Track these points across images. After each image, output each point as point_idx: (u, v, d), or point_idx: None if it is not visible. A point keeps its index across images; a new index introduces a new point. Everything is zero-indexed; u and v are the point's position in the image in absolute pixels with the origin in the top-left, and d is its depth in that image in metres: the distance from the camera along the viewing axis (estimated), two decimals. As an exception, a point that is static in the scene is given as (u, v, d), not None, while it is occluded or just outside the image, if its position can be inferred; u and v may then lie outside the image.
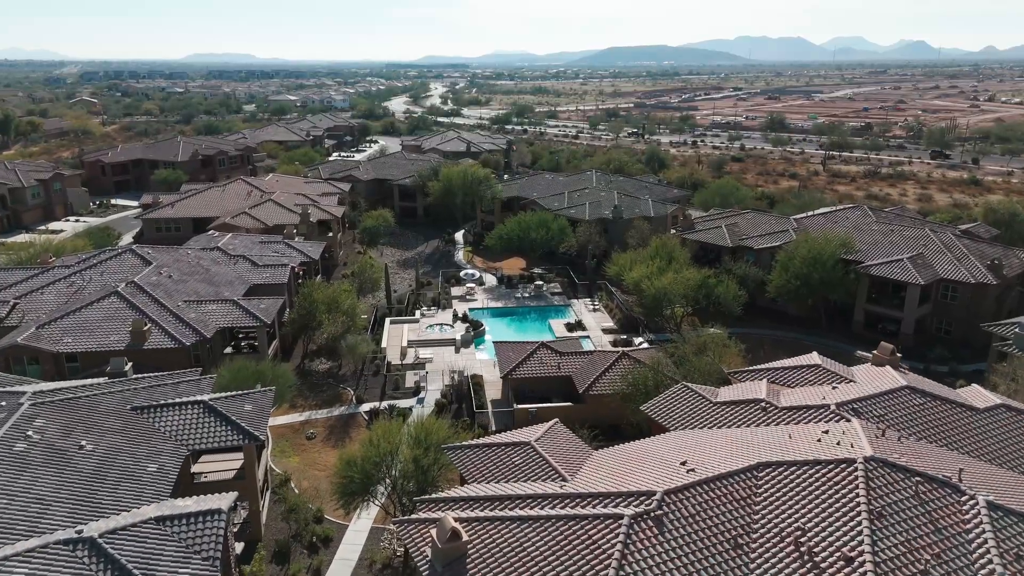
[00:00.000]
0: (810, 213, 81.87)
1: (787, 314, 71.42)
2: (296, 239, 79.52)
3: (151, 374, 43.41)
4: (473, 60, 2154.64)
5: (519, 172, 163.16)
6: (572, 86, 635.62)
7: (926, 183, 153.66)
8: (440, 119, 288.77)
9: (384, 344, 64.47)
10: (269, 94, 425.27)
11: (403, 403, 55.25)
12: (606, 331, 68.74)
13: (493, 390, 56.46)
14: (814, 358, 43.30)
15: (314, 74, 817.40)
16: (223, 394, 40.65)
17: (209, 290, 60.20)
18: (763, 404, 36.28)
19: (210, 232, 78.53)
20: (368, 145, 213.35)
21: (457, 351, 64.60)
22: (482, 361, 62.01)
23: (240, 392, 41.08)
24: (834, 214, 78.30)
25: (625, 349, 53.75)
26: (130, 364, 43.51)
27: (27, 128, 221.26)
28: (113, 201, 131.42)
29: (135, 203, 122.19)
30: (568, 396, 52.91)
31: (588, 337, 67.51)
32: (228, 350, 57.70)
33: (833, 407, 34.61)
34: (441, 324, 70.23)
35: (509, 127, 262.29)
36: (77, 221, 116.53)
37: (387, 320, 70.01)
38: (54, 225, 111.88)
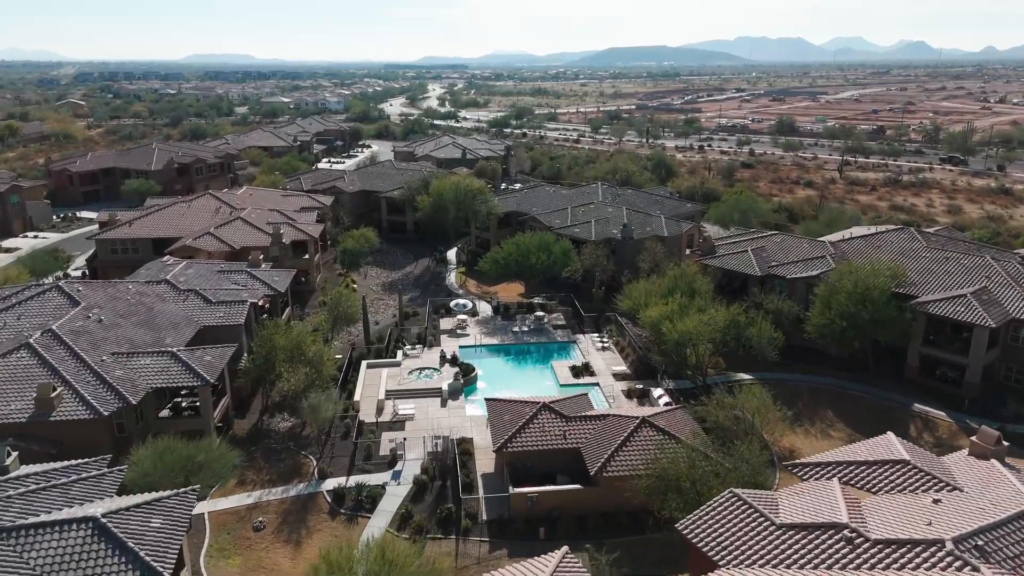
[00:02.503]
0: (847, 235, 72.15)
1: (826, 354, 61.72)
2: (263, 265, 69.73)
3: (41, 467, 33.80)
4: (472, 61, 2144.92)
5: (518, 179, 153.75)
6: (572, 87, 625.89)
7: (952, 192, 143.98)
8: (437, 122, 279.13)
9: (358, 396, 54.71)
10: (263, 96, 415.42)
11: (375, 478, 45.54)
12: (618, 377, 59.04)
13: (485, 459, 46.80)
14: (895, 447, 33.56)
15: (311, 75, 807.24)
16: (128, 502, 30.98)
17: (147, 337, 50.48)
18: (847, 533, 26.56)
19: (164, 259, 68.80)
20: (360, 150, 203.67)
21: (444, 404, 54.89)
22: (473, 419, 52.29)
23: (151, 500, 31.36)
24: (877, 237, 68.64)
25: (645, 414, 44.05)
26: (14, 455, 33.79)
27: (4, 132, 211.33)
28: (80, 214, 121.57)
29: (117, 212, 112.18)
30: (576, 474, 43.26)
31: (597, 384, 57.82)
32: (165, 413, 47.97)
33: (949, 544, 24.90)
34: (426, 368, 60.44)
35: (508, 130, 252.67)
36: (36, 237, 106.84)
37: (363, 364, 60.25)
38: (9, 242, 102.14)
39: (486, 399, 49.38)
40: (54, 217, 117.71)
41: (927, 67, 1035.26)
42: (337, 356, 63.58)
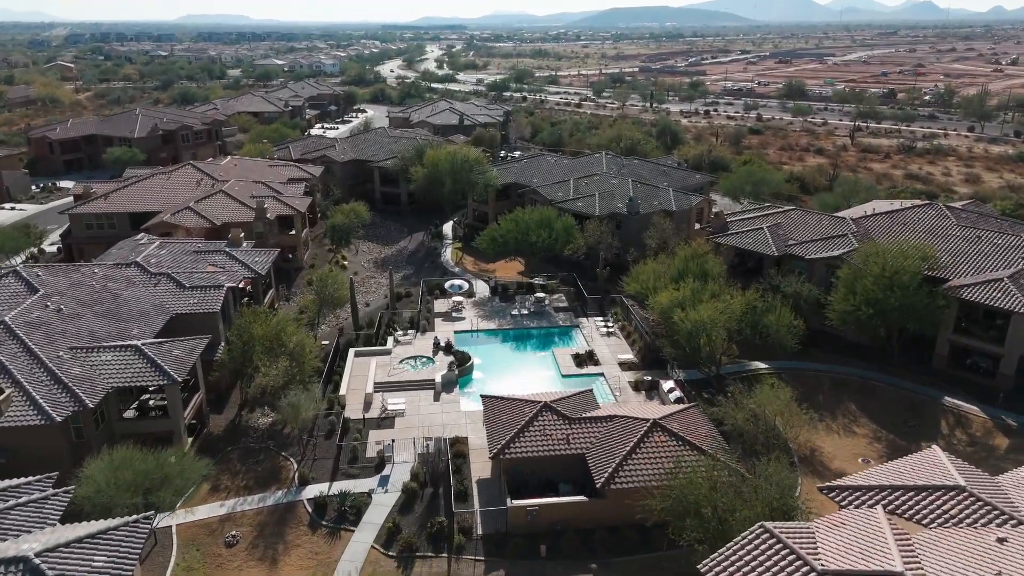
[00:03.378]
0: (869, 211, 67.39)
1: (847, 341, 57.50)
2: (244, 244, 65.18)
3: (-24, 490, 29.79)
4: (471, 21, 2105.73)
5: (517, 146, 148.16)
6: (573, 48, 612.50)
7: (968, 160, 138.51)
8: (434, 85, 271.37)
9: (344, 389, 50.64)
10: (256, 58, 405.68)
11: (361, 484, 41.66)
12: (624, 366, 54.91)
13: (481, 462, 42.88)
14: (945, 467, 29.45)
15: (307, 36, 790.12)
16: (70, 534, 27.02)
17: (111, 328, 46.23)
18: (902, 585, 22.58)
19: (138, 236, 64.23)
20: (354, 115, 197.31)
21: (437, 398, 50.85)
22: (468, 415, 48.28)
23: (96, 531, 27.36)
24: (902, 214, 63.88)
25: (656, 416, 39.95)
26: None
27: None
28: (60, 184, 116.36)
29: (93, 183, 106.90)
30: (581, 481, 39.37)
31: (602, 375, 53.75)
32: (130, 413, 43.91)
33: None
34: (418, 357, 56.28)
35: (507, 94, 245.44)
36: (12, 209, 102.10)
37: (351, 352, 56.09)
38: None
39: (482, 396, 45.30)
40: (33, 187, 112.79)
41: (935, 27, 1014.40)
42: (324, 342, 59.59)
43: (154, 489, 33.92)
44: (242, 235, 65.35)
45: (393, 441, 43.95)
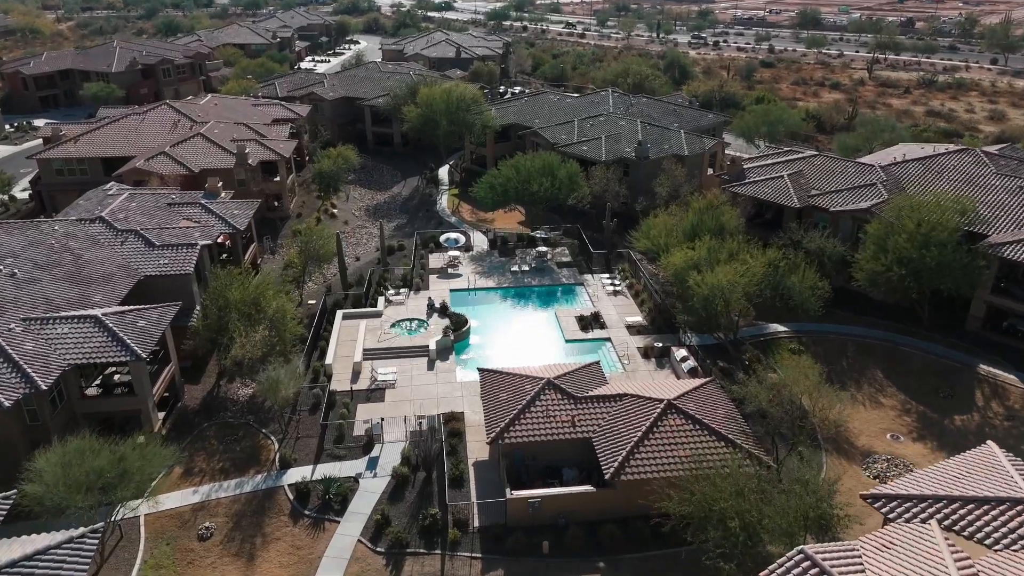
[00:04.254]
0: (899, 156, 62.11)
1: (871, 300, 53.33)
2: (223, 194, 60.37)
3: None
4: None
5: (517, 80, 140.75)
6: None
7: (992, 95, 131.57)
8: (431, 14, 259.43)
9: (330, 357, 46.78)
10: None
11: (347, 467, 38.25)
12: (632, 329, 50.96)
13: (478, 440, 39.34)
14: (1007, 474, 25.68)
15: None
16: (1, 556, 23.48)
17: (71, 294, 42.03)
18: (974, 637, 19.01)
19: (107, 187, 59.29)
20: (347, 47, 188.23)
21: (431, 366, 47.06)
22: (465, 387, 44.56)
23: (33, 552, 23.82)
24: (935, 161, 58.71)
25: (670, 396, 36.12)
26: None
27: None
28: (36, 122, 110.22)
29: (65, 123, 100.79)
30: (587, 466, 35.94)
31: (609, 340, 49.87)
32: (93, 390, 40.12)
33: None
34: (411, 321, 52.26)
35: (507, 23, 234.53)
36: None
37: (339, 314, 52.04)
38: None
39: (479, 369, 41.46)
40: (7, 127, 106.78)
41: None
42: (311, 302, 55.54)
43: (113, 487, 30.32)
44: (220, 184, 60.44)
45: (383, 419, 40.28)
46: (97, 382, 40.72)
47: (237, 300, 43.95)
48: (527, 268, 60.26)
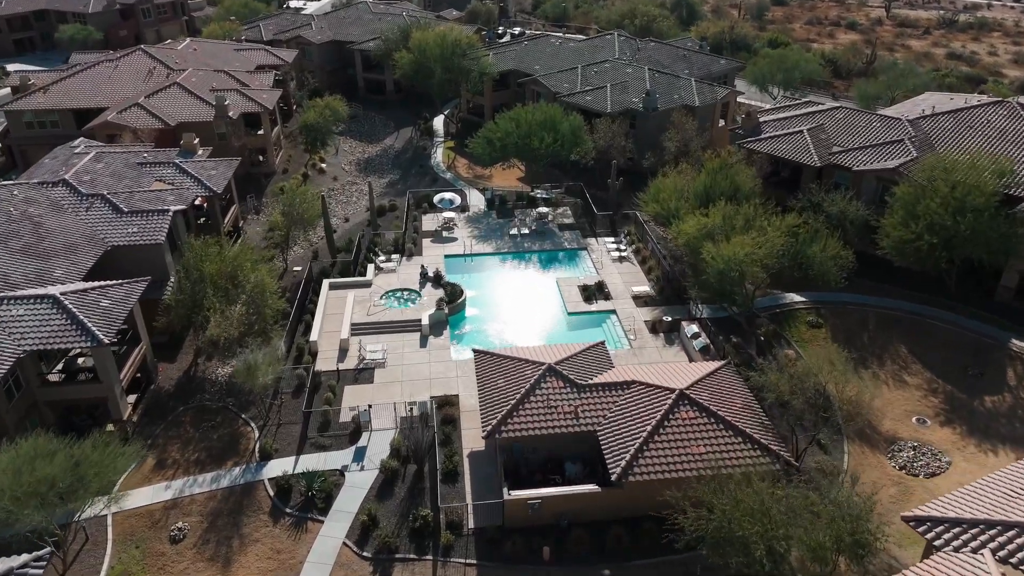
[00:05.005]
0: (927, 109, 57.57)
1: (891, 266, 49.41)
2: (199, 151, 56.25)
3: None
4: None
5: (517, 20, 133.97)
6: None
7: (1017, 36, 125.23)
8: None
9: (315, 334, 43.56)
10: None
11: (332, 458, 35.45)
12: (639, 300, 47.64)
13: (474, 428, 36.38)
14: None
15: None
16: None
17: (28, 268, 38.57)
18: None
19: (74, 144, 55.05)
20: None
21: (424, 342, 43.90)
22: (460, 365, 41.48)
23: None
24: (968, 114, 54.26)
25: (683, 387, 33.00)
26: None
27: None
28: (10, 68, 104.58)
29: (41, 69, 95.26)
30: (591, 459, 33.15)
31: (614, 312, 46.61)
32: (55, 376, 37.02)
33: None
34: (403, 292, 48.87)
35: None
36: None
37: (325, 284, 48.63)
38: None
39: (474, 350, 38.24)
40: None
41: None
42: (296, 269, 52.13)
43: (69, 495, 27.47)
44: (197, 141, 56.26)
45: (370, 406, 37.26)
46: (59, 367, 37.57)
47: (212, 273, 40.54)
48: (527, 231, 56.57)
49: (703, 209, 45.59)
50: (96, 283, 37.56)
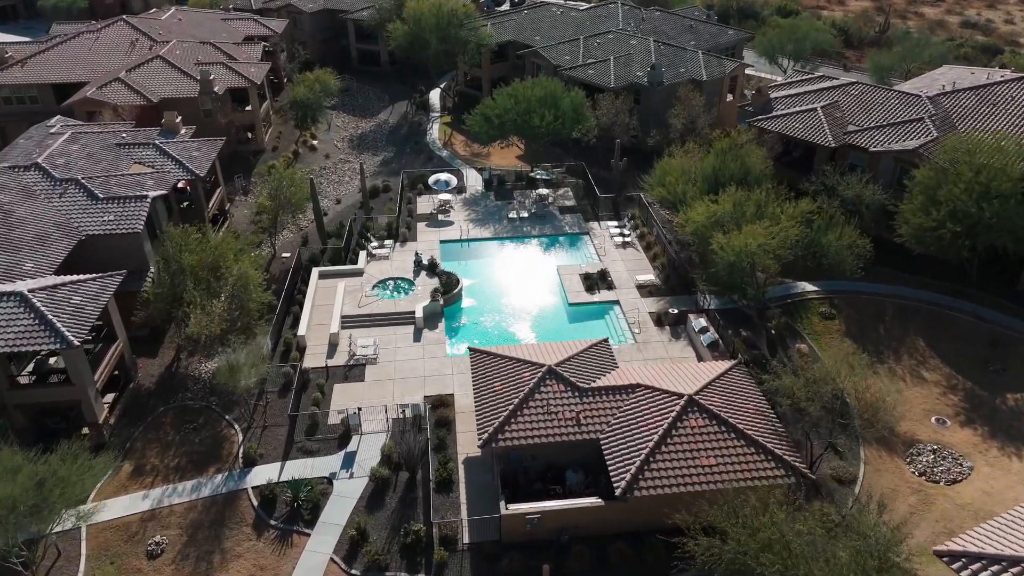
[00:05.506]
0: (947, 85, 54.70)
1: (908, 252, 46.93)
2: (182, 131, 53.57)
3: None
4: None
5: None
6: None
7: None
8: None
9: (303, 328, 41.41)
10: None
11: (320, 464, 33.56)
12: (644, 290, 45.42)
13: (470, 432, 34.43)
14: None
15: None
16: None
17: (-4, 262, 36.29)
18: None
19: (50, 123, 52.37)
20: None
21: (418, 336, 41.77)
22: (455, 363, 39.41)
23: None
24: (989, 91, 51.45)
25: (692, 392, 30.92)
26: None
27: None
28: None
29: (22, 40, 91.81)
30: (593, 466, 31.25)
31: (617, 303, 44.41)
32: (25, 378, 34.95)
33: None
34: (395, 281, 46.60)
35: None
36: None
37: (314, 273, 46.36)
38: None
39: (470, 349, 36.11)
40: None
41: None
42: (284, 255, 49.87)
43: (34, 514, 25.58)
44: (179, 119, 53.51)
45: (360, 409, 35.23)
46: (30, 368, 35.51)
47: (192, 265, 38.27)
48: (526, 215, 54.12)
49: (712, 195, 43.05)
50: (67, 278, 35.31)
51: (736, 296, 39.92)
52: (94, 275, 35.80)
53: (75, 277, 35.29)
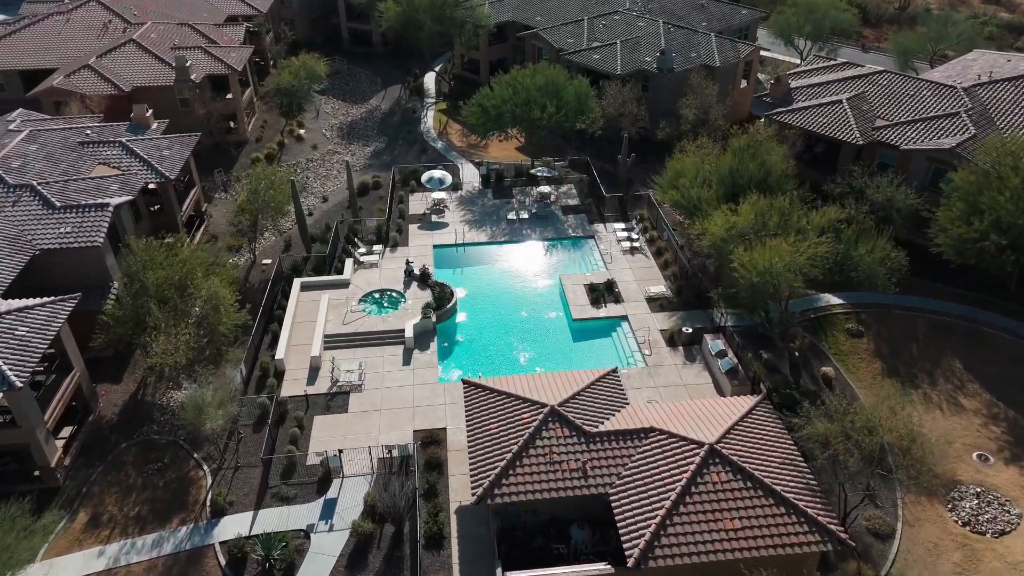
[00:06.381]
0: (982, 75, 50.33)
1: (941, 260, 42.85)
2: (153, 125, 49.44)
3: None
4: None
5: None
6: None
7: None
8: None
9: (282, 350, 37.72)
10: None
11: (297, 515, 30.10)
12: (654, 303, 41.70)
13: (464, 475, 30.93)
14: None
15: None
16: None
17: (-65, 286, 32.51)
18: None
19: (11, 117, 48.13)
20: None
21: (408, 358, 38.12)
22: (448, 390, 35.84)
23: None
24: (1032, 82, 47.33)
25: (714, 442, 27.34)
26: None
27: None
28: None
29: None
30: (601, 520, 27.83)
31: (625, 318, 40.66)
32: (-33, 420, 31.42)
33: None
34: (385, 293, 42.84)
35: None
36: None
37: (296, 284, 42.59)
38: None
39: (463, 381, 32.50)
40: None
41: None
42: (265, 262, 46.11)
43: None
44: (149, 113, 49.34)
45: (341, 452, 31.68)
46: (-29, 407, 31.94)
47: (156, 284, 34.52)
48: (526, 215, 50.18)
49: (730, 204, 39.04)
50: (14, 303, 31.58)
51: (758, 319, 36.10)
52: (44, 300, 32.07)
53: (22, 303, 31.56)
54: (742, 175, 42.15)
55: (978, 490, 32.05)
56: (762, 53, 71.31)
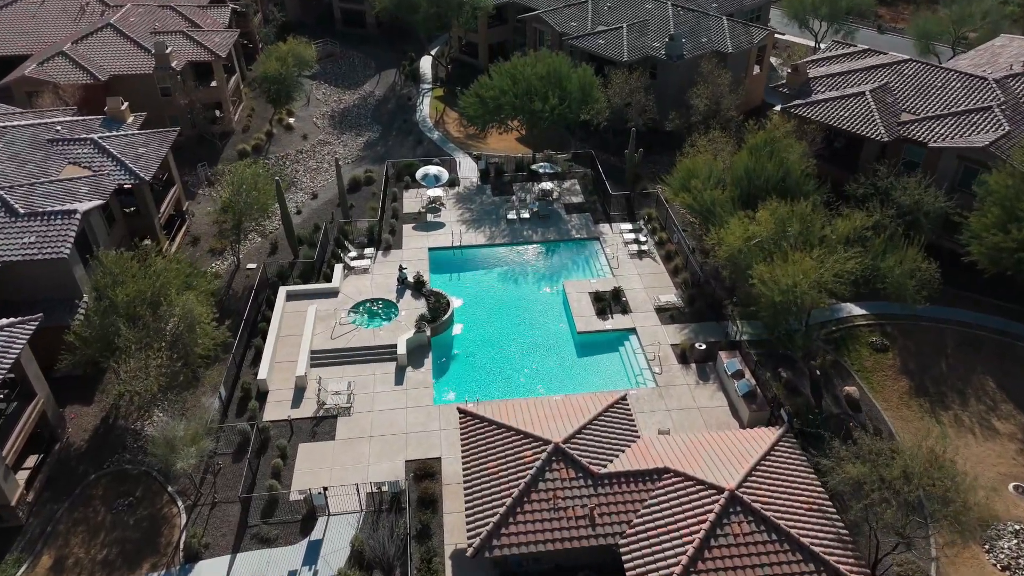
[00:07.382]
0: (1018, 67, 46.96)
1: (969, 266, 40.05)
2: (130, 119, 46.32)
3: None
4: None
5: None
6: None
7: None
8: None
9: (265, 369, 35.05)
10: None
11: (279, 559, 27.69)
12: (664, 314, 38.95)
13: (460, 513, 28.49)
14: None
15: None
16: None
17: None
18: None
19: (-23, 111, 45.13)
20: None
21: (400, 377, 35.49)
22: (444, 413, 33.25)
23: None
24: (1069, 73, 44.12)
25: (735, 487, 24.79)
26: None
27: None
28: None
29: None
30: (610, 568, 25.38)
31: (634, 331, 37.94)
32: (-84, 455, 28.83)
33: None
34: (376, 303, 40.05)
35: None
36: None
37: (282, 293, 39.84)
38: None
39: (459, 410, 29.91)
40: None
41: None
42: (250, 267, 43.31)
43: None
44: (125, 106, 46.18)
45: (326, 489, 29.13)
46: (-78, 442, 29.36)
47: (127, 300, 31.79)
48: (527, 215, 47.25)
49: (748, 211, 36.13)
50: (-30, 326, 28.90)
51: (779, 339, 33.33)
52: (2, 322, 29.36)
53: (-22, 326, 28.88)
54: (759, 176, 39.21)
55: (1017, 527, 29.61)
56: (776, 36, 67.81)
